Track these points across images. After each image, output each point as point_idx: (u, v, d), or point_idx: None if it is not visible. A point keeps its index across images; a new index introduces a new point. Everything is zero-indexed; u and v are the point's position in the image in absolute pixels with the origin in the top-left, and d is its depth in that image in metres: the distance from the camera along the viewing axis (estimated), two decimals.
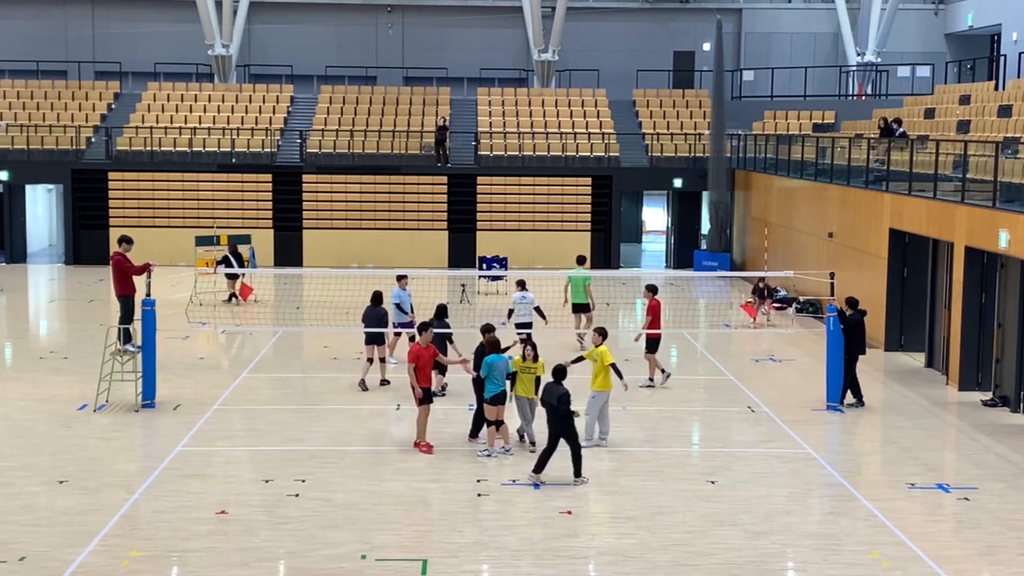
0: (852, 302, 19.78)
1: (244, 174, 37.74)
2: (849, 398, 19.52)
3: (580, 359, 17.19)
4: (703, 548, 12.83)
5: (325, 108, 41.39)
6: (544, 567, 12.25)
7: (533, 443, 16.23)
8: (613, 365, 16.33)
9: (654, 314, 20.75)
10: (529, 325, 22.02)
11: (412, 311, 21.25)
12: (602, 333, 16.77)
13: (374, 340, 20.33)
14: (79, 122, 39.76)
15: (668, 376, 20.90)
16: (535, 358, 16.34)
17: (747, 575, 12.15)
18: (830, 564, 12.42)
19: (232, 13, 42.62)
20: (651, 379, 20.69)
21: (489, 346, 16.48)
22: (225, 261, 28.87)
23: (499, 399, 16.09)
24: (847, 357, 19.36)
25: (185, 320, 24.47)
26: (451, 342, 19.40)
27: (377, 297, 20.46)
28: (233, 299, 29.44)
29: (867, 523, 13.72)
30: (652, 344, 20.72)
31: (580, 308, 24.08)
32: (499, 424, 16.20)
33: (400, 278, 21.36)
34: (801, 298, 28.73)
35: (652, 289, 21.09)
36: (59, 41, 45.11)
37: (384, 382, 20.40)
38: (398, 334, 21.51)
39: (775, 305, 28.06)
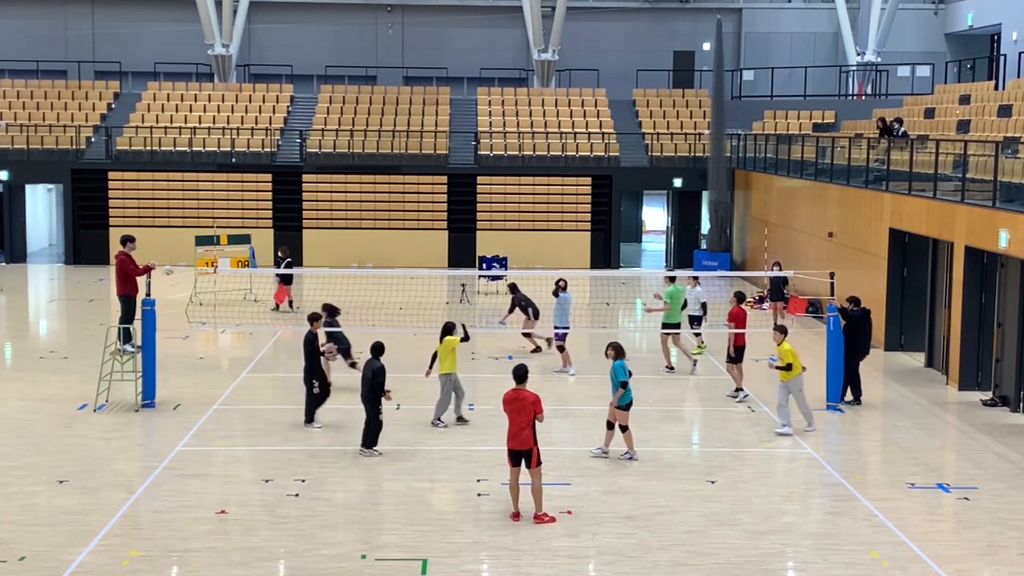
0: (854, 300, 19.85)
1: (244, 174, 37.74)
2: (848, 395, 19.55)
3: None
4: (703, 548, 12.84)
5: (325, 108, 41.37)
6: (544, 567, 12.25)
7: None
8: None
9: (737, 322, 19.95)
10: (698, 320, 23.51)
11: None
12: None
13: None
14: (79, 122, 39.75)
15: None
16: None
17: (747, 575, 12.16)
18: (830, 564, 12.42)
19: (232, 13, 42.61)
20: (738, 389, 19.99)
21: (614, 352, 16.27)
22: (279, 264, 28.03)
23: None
24: (848, 354, 19.39)
25: (185, 320, 24.48)
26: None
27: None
28: (288, 305, 28.14)
29: (867, 523, 13.72)
30: (738, 353, 19.95)
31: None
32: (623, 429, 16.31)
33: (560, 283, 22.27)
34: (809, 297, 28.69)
35: (739, 297, 20.53)
36: (59, 41, 45.10)
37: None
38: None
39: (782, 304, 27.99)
